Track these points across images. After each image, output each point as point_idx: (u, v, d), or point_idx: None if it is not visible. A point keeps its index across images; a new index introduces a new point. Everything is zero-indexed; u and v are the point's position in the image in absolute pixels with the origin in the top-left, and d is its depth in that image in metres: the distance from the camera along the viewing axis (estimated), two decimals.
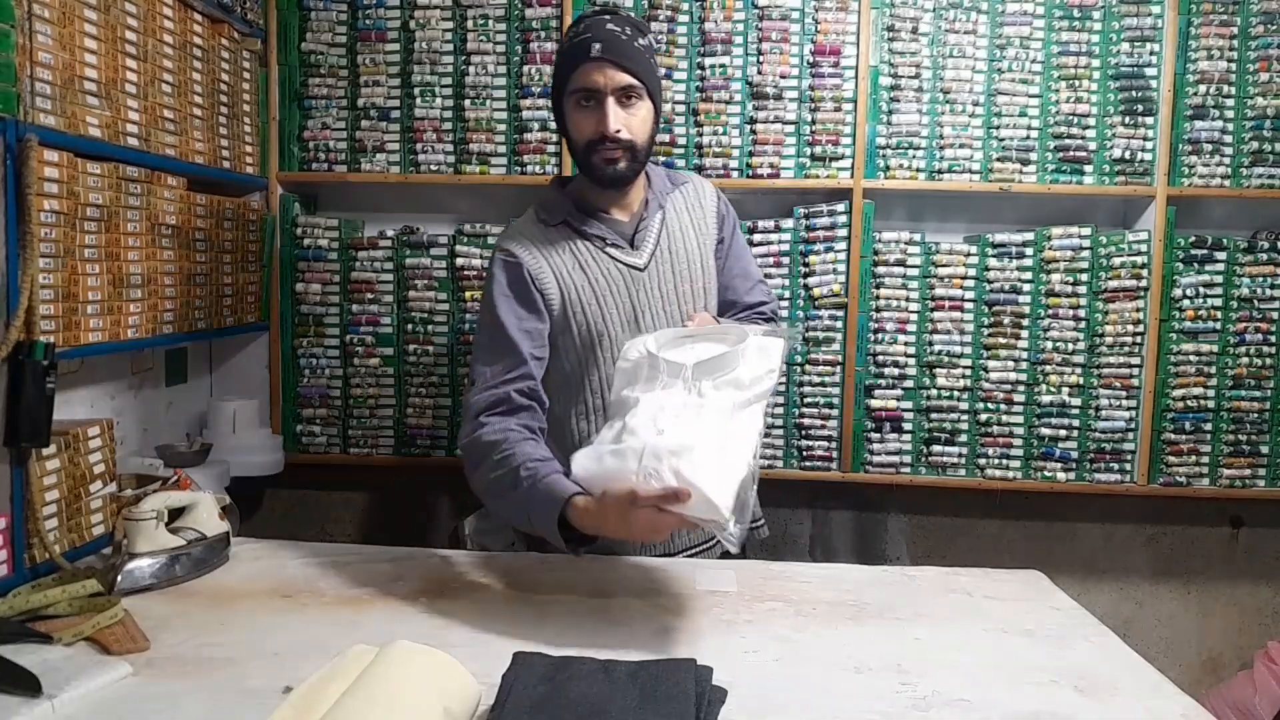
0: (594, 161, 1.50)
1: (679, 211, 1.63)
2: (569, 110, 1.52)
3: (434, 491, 2.52)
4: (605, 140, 1.47)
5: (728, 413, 1.23)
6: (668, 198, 1.63)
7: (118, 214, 1.69)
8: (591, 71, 1.46)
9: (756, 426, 1.25)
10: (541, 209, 1.60)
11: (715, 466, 1.15)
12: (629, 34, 1.48)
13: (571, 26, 1.54)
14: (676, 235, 1.61)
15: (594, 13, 1.52)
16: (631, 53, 1.47)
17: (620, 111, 1.47)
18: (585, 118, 1.49)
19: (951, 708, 1.05)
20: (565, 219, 1.56)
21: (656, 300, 1.57)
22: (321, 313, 2.39)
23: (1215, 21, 2.25)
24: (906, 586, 1.47)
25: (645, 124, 1.51)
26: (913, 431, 2.35)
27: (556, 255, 1.54)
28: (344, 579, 1.46)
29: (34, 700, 1.01)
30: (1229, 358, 2.30)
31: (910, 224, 2.45)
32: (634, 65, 1.47)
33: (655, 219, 1.60)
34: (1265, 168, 2.27)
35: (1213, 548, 2.49)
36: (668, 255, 1.59)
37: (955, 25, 2.28)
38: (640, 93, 1.49)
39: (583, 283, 1.53)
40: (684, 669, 1.04)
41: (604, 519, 1.23)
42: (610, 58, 1.45)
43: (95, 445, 1.63)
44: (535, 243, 1.54)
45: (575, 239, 1.55)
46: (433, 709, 0.93)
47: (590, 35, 1.46)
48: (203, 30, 2.02)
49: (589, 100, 1.48)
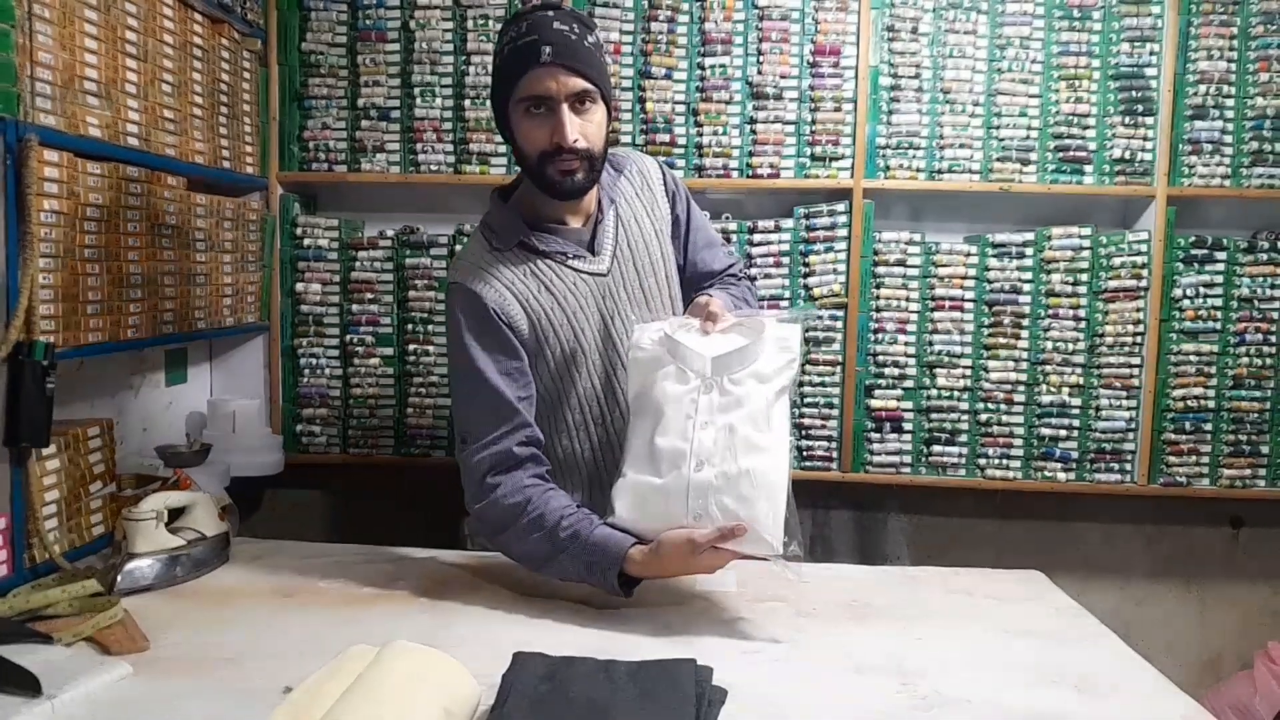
0: (549, 174, 1.40)
1: (629, 200, 1.56)
2: (517, 119, 1.40)
3: (434, 491, 2.51)
4: (562, 151, 1.37)
5: (757, 417, 1.24)
6: (616, 189, 1.54)
7: (118, 214, 1.69)
8: (542, 77, 1.35)
9: (785, 428, 1.26)
10: (490, 233, 1.49)
11: (762, 497, 1.20)
12: (578, 33, 1.37)
13: (510, 25, 1.40)
14: (633, 228, 1.54)
15: (535, 8, 1.39)
16: (583, 54, 1.37)
17: (575, 119, 1.37)
18: (537, 127, 1.38)
19: (952, 708, 1.05)
20: (519, 240, 1.47)
21: (624, 302, 1.50)
22: (321, 313, 2.39)
23: (1215, 21, 2.25)
24: (907, 586, 1.47)
25: (600, 129, 1.42)
26: (913, 431, 2.35)
27: (518, 282, 1.45)
28: (344, 579, 1.46)
29: (34, 700, 1.01)
30: (1229, 358, 2.30)
31: (910, 224, 2.45)
32: (587, 68, 1.37)
33: (610, 217, 1.52)
34: (1265, 168, 2.27)
35: (1213, 548, 2.49)
36: (629, 253, 1.52)
37: (955, 25, 2.28)
38: (594, 96, 1.39)
39: (551, 304, 1.46)
40: (684, 669, 1.04)
41: (664, 566, 1.26)
42: (562, 62, 1.34)
43: (95, 445, 1.63)
44: (491, 272, 1.45)
45: (534, 259, 1.46)
46: (432, 709, 0.93)
47: (537, 37, 1.34)
48: (203, 30, 2.02)
49: (539, 108, 1.37)
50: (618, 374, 1.50)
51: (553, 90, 1.35)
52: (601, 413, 1.52)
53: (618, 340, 1.49)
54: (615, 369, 1.50)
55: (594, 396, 1.51)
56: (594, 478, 1.54)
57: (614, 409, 1.51)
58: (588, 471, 1.54)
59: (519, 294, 1.45)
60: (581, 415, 1.52)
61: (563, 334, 1.47)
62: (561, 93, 1.36)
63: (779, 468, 1.23)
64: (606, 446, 1.52)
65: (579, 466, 1.54)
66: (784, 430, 1.27)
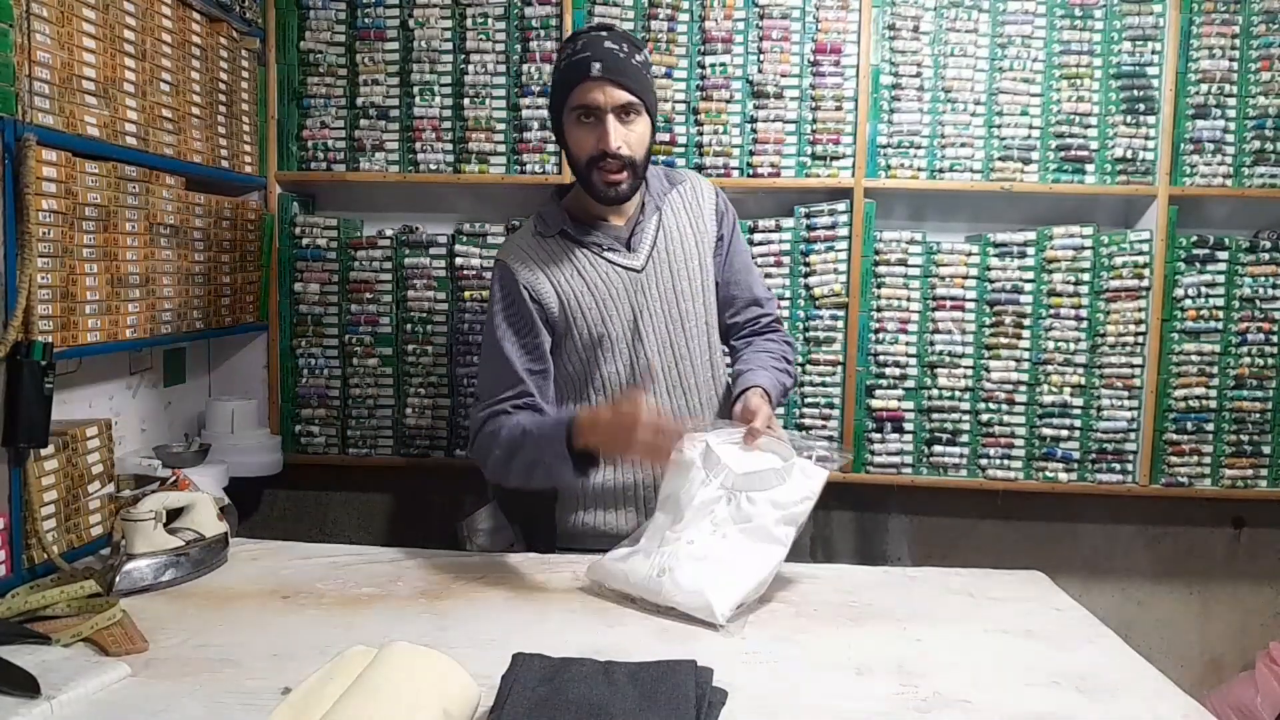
0: (594, 180, 1.54)
1: (676, 211, 1.68)
2: (569, 126, 1.56)
3: (433, 491, 2.52)
4: (606, 156, 1.51)
5: (759, 535, 1.34)
6: (665, 198, 1.67)
7: (116, 213, 1.69)
8: (591, 90, 1.50)
9: (780, 551, 1.34)
10: (539, 221, 1.66)
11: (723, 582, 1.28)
12: (626, 51, 1.52)
13: (568, 43, 1.57)
14: (674, 235, 1.65)
15: (591, 30, 1.56)
16: (630, 70, 1.51)
17: (620, 128, 1.51)
18: (586, 134, 1.53)
19: (953, 709, 1.05)
20: (561, 228, 1.62)
21: (655, 300, 1.61)
22: (320, 312, 2.39)
23: (1217, 20, 2.24)
24: (908, 587, 1.46)
25: (643, 139, 1.56)
26: (914, 432, 2.34)
27: (553, 265, 1.60)
28: (343, 579, 1.46)
29: (32, 701, 1.01)
30: (1231, 358, 2.30)
31: (911, 223, 2.44)
32: (632, 83, 1.51)
33: (652, 220, 1.65)
34: (1267, 167, 2.26)
35: (1214, 548, 2.49)
36: (665, 255, 1.63)
37: (956, 24, 2.27)
38: (639, 109, 1.53)
39: (581, 288, 1.58)
40: (684, 670, 1.03)
41: (606, 431, 1.37)
42: (610, 76, 1.49)
43: (93, 446, 1.63)
44: (531, 254, 1.61)
45: (573, 247, 1.61)
46: (432, 710, 0.93)
47: (590, 54, 1.50)
48: (201, 29, 2.02)
49: (589, 117, 1.52)
50: (643, 364, 1.61)
51: (600, 101, 1.50)
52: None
53: (645, 333, 1.60)
54: (640, 359, 1.60)
55: (619, 384, 1.61)
56: (615, 464, 1.61)
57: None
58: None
59: (552, 275, 1.59)
60: (604, 398, 1.61)
61: (590, 317, 1.58)
62: (608, 104, 1.50)
63: (753, 573, 1.32)
64: None
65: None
66: (778, 551, 1.34)
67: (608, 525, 1.62)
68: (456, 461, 2.39)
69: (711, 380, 1.69)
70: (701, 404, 1.66)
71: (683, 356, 1.63)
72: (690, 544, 1.34)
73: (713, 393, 1.69)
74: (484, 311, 2.34)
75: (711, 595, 1.27)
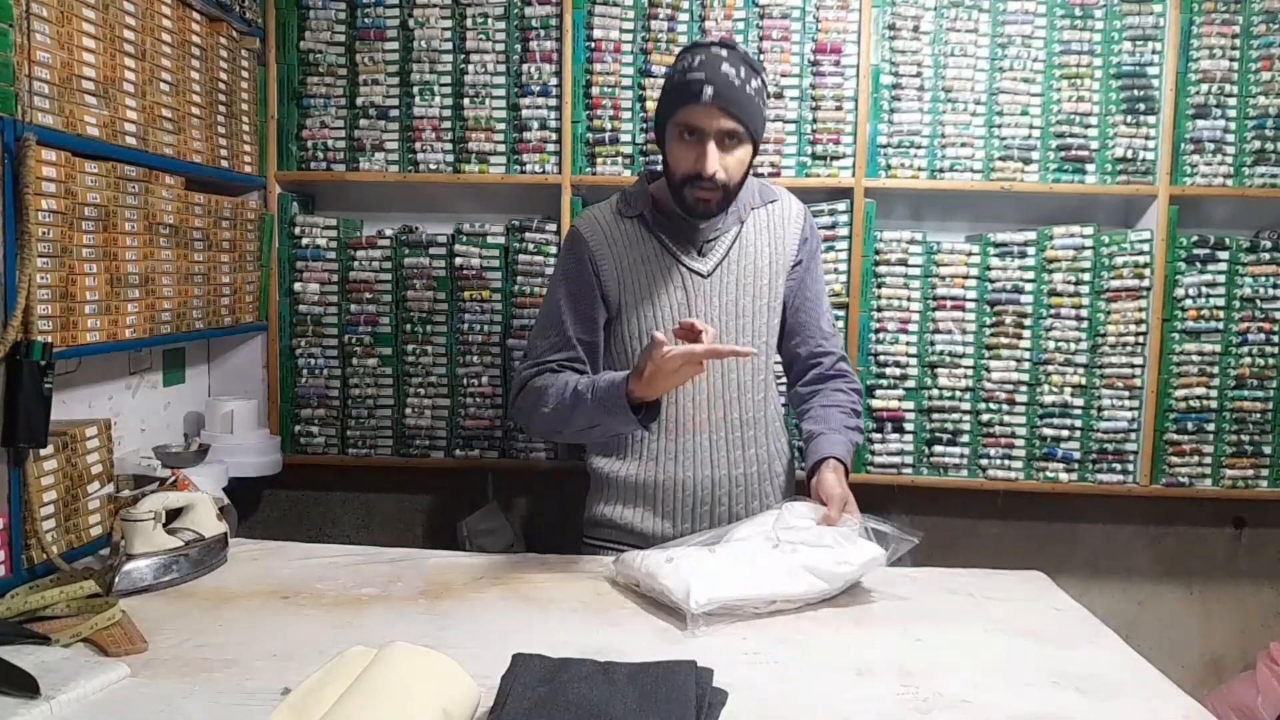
0: (686, 195, 1.52)
1: (759, 229, 1.64)
2: (670, 139, 1.53)
3: (433, 492, 2.52)
4: (701, 178, 1.49)
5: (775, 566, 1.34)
6: (751, 212, 1.64)
7: (115, 213, 1.68)
8: (699, 114, 1.47)
9: (785, 591, 1.32)
10: (622, 200, 1.66)
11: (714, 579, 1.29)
12: (743, 77, 1.47)
13: (687, 53, 1.52)
14: (749, 249, 1.62)
15: (710, 44, 1.50)
16: (742, 99, 1.47)
17: (720, 154, 1.48)
18: (686, 151, 1.50)
19: (953, 709, 1.05)
20: (642, 212, 1.61)
21: (714, 308, 1.59)
22: (320, 313, 2.38)
23: (1217, 20, 2.24)
24: (908, 587, 1.46)
25: (742, 165, 1.53)
26: (914, 432, 2.34)
27: (622, 245, 1.61)
28: (343, 579, 1.46)
29: (32, 701, 1.01)
30: (1231, 358, 2.29)
31: (912, 223, 2.44)
32: (740, 112, 1.47)
33: (731, 231, 1.62)
34: (1267, 167, 2.26)
35: (1215, 548, 2.48)
36: (735, 266, 1.61)
37: (956, 24, 2.27)
38: (743, 137, 1.50)
39: (641, 278, 1.59)
40: (684, 671, 1.03)
41: (657, 376, 1.37)
42: (720, 104, 1.45)
43: (93, 446, 1.62)
44: (606, 228, 1.62)
45: (645, 235, 1.61)
46: (432, 710, 0.93)
47: (703, 75, 1.45)
48: (201, 29, 2.02)
49: (691, 135, 1.49)
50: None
51: (706, 126, 1.47)
52: (668, 398, 1.58)
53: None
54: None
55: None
56: (653, 454, 1.62)
57: (681, 398, 1.59)
58: (647, 451, 1.62)
59: (616, 254, 1.60)
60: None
61: (643, 309, 1.59)
62: (712, 129, 1.47)
63: (751, 578, 1.32)
64: (668, 428, 1.61)
65: (639, 445, 1.62)
66: (788, 585, 1.33)
67: (625, 519, 1.63)
68: (457, 461, 2.39)
69: (762, 400, 1.65)
70: (745, 420, 1.63)
71: (730, 368, 1.60)
72: (712, 550, 1.37)
73: (759, 412, 1.65)
74: (484, 311, 2.34)
75: (694, 581, 1.28)
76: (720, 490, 1.62)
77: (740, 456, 1.62)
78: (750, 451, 1.64)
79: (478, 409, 2.38)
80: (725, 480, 1.62)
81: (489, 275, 2.35)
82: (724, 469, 1.61)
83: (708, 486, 1.61)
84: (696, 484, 1.60)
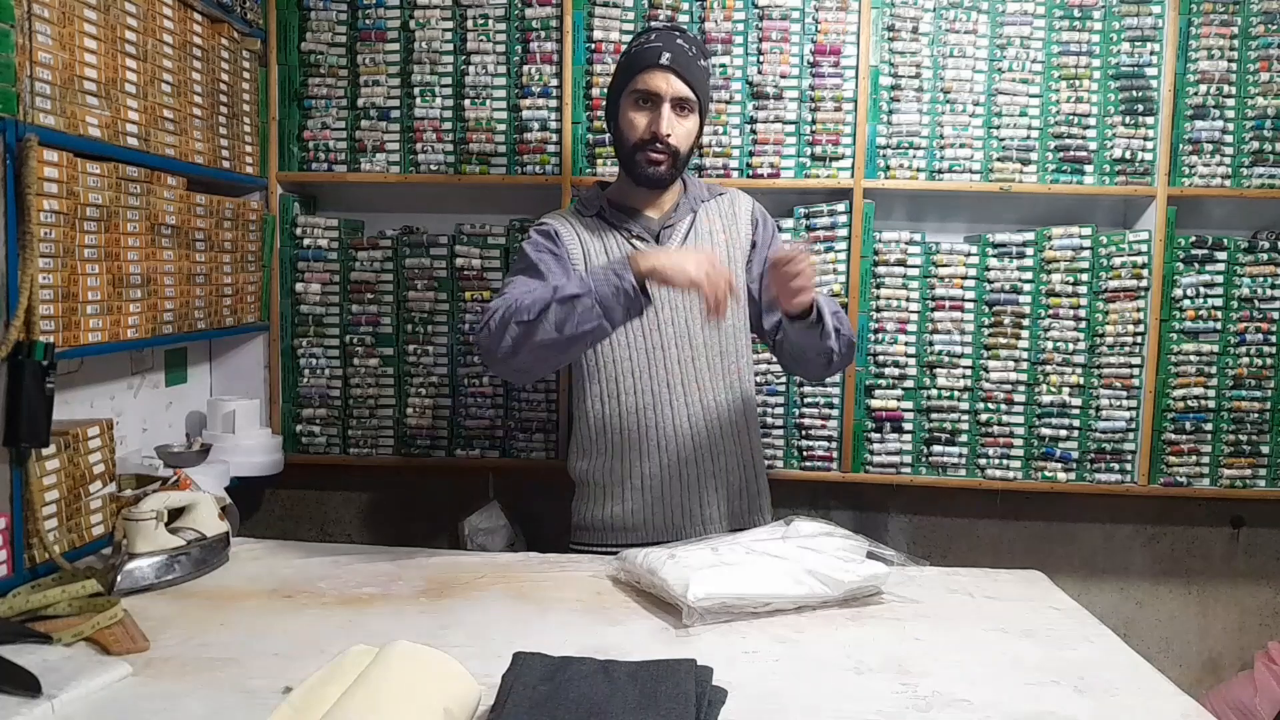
0: (638, 159, 1.62)
1: (711, 218, 1.72)
2: (625, 108, 1.63)
3: (434, 491, 2.52)
4: (655, 140, 1.59)
5: (776, 569, 1.34)
6: (702, 204, 1.73)
7: (117, 214, 1.69)
8: (656, 77, 1.58)
9: (784, 593, 1.32)
10: (579, 202, 1.76)
11: (713, 575, 1.30)
12: (694, 53, 1.62)
13: (641, 34, 1.68)
14: (705, 237, 1.70)
15: (665, 27, 1.66)
16: (695, 69, 1.61)
17: (674, 118, 1.60)
18: (640, 117, 1.61)
19: (952, 708, 1.05)
20: (599, 210, 1.70)
21: (676, 293, 1.63)
22: (321, 313, 2.39)
23: (1216, 21, 2.25)
24: (907, 587, 1.47)
25: (690, 135, 1.64)
26: (913, 432, 2.35)
27: (586, 234, 1.68)
28: (344, 579, 1.46)
29: (34, 700, 1.01)
30: (1229, 358, 2.30)
31: (910, 224, 2.45)
32: (694, 80, 1.60)
33: (685, 220, 1.70)
34: (1266, 167, 2.27)
35: (1213, 548, 2.49)
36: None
37: (955, 25, 2.28)
38: (693, 106, 1.62)
39: (604, 263, 1.60)
40: (684, 669, 1.03)
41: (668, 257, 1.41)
42: (675, 68, 1.58)
43: (95, 445, 1.63)
44: (570, 223, 1.70)
45: (605, 229, 1.69)
46: (432, 709, 0.93)
47: (661, 45, 1.59)
48: (202, 30, 2.02)
49: (646, 102, 1.61)
50: (656, 354, 1.64)
51: (661, 89, 1.59)
52: (634, 383, 1.65)
53: (663, 325, 1.64)
54: (655, 350, 1.64)
55: (629, 370, 1.65)
56: (618, 447, 1.66)
57: (646, 383, 1.65)
58: (612, 438, 1.67)
59: (584, 241, 1.67)
60: (615, 385, 1.65)
61: None
62: (668, 93, 1.59)
63: (750, 579, 1.31)
64: (634, 415, 1.65)
65: (606, 430, 1.67)
66: (789, 587, 1.33)
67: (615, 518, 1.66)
68: (457, 461, 2.40)
69: (731, 384, 1.69)
70: (714, 402, 1.67)
71: (699, 353, 1.65)
72: (715, 550, 1.39)
73: (727, 395, 1.68)
74: (484, 311, 2.34)
75: (694, 576, 1.29)
76: (689, 473, 1.66)
77: (706, 441, 1.66)
78: (719, 441, 1.67)
79: (478, 409, 2.38)
80: (692, 464, 1.66)
81: (490, 276, 2.36)
82: (689, 450, 1.66)
83: (675, 471, 1.66)
84: (664, 468, 1.65)
